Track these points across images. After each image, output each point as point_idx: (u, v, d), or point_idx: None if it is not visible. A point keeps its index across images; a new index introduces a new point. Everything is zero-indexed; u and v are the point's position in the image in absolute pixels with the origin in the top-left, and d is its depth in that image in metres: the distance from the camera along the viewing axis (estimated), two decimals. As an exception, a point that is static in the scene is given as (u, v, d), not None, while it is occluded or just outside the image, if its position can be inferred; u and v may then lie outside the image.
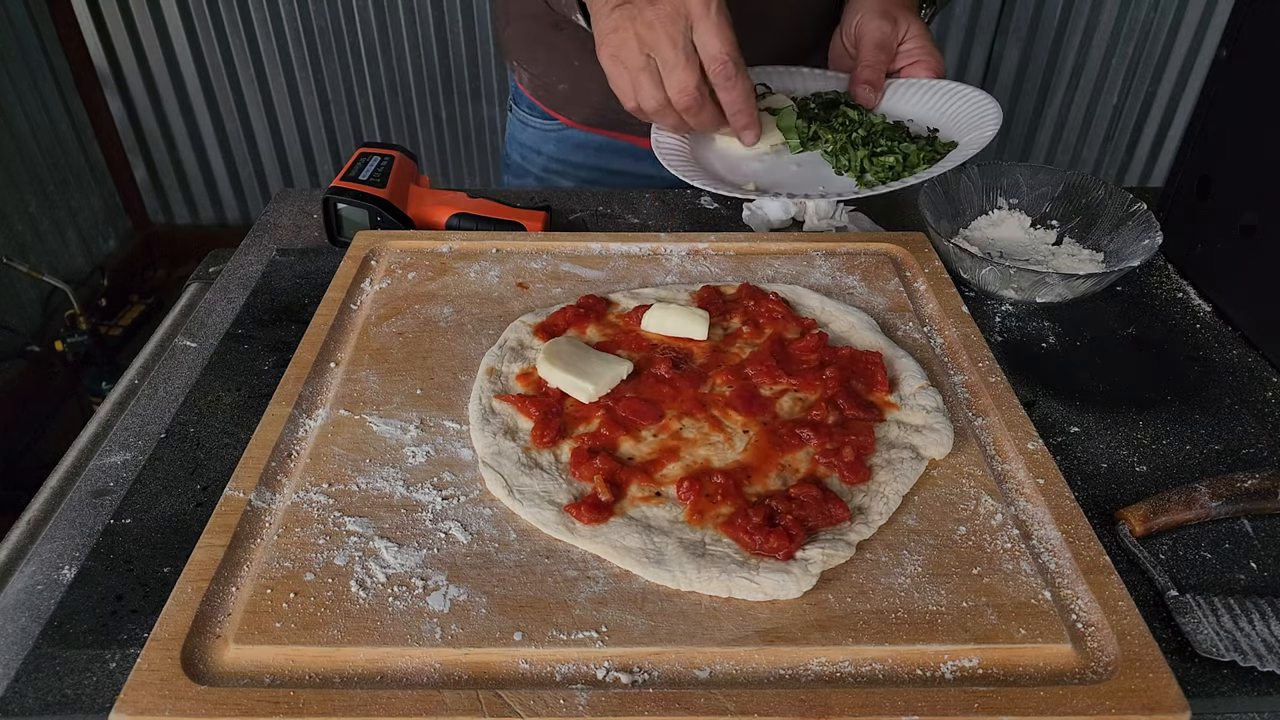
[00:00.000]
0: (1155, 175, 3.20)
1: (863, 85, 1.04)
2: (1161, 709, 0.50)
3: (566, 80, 1.19)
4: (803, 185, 0.98)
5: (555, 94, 1.22)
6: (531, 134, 1.29)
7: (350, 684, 0.52)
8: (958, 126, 1.02)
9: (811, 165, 1.00)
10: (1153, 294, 0.94)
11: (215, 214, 3.30)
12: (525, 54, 1.22)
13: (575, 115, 1.23)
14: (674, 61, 0.81)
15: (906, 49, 1.04)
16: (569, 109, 1.23)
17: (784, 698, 0.51)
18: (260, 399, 0.75)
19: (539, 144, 1.29)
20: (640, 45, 0.82)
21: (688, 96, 0.83)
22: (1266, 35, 0.85)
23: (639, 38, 0.82)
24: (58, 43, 2.87)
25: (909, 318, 0.83)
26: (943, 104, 1.04)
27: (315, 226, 1.04)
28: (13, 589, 0.61)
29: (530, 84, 1.24)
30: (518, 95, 1.30)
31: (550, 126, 1.27)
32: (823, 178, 0.98)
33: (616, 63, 0.85)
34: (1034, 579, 0.57)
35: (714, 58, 0.82)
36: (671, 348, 0.77)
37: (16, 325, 2.62)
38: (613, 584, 0.57)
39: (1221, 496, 0.65)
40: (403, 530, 0.61)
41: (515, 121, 1.33)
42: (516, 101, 1.32)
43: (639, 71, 0.83)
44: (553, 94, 1.22)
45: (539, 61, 1.21)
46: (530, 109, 1.28)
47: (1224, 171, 0.92)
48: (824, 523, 0.61)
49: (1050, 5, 2.88)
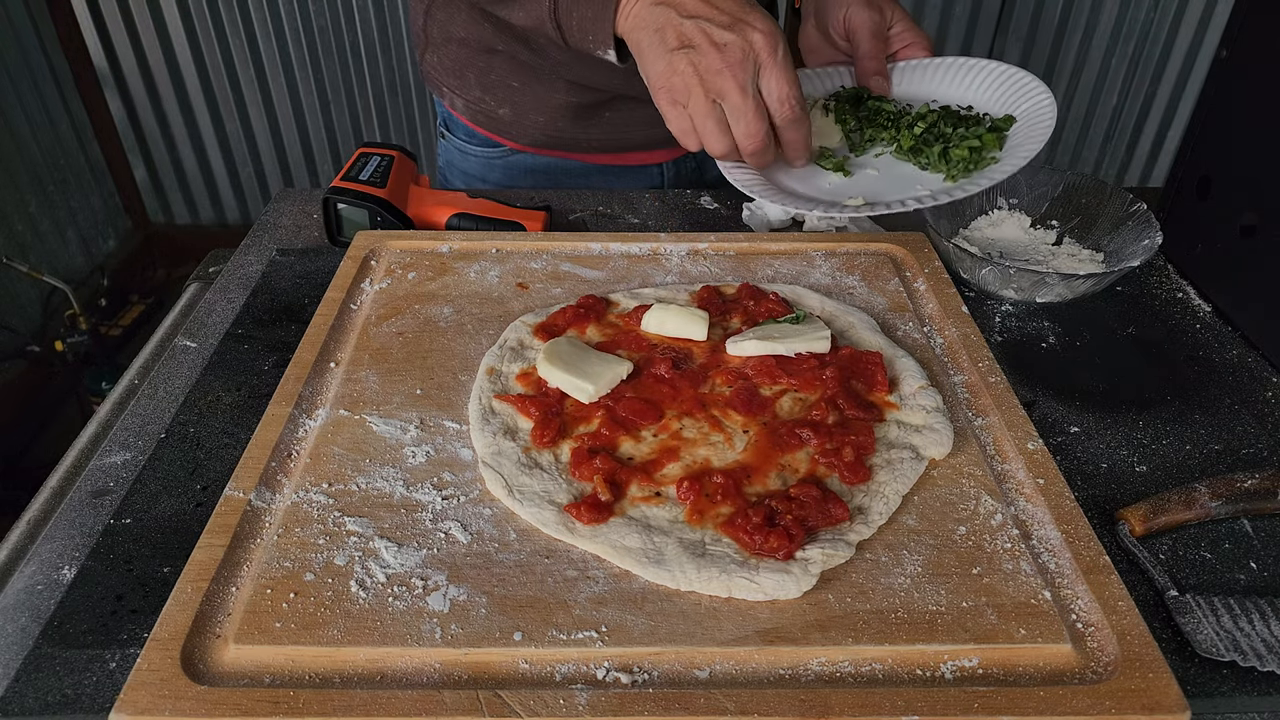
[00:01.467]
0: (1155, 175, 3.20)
1: (875, 76, 1.03)
2: (1161, 709, 0.50)
3: (507, 104, 1.14)
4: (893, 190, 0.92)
5: (496, 119, 1.17)
6: (474, 161, 1.23)
7: (350, 684, 0.52)
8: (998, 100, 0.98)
9: (886, 166, 0.96)
10: (1153, 294, 0.94)
11: (215, 214, 3.30)
12: (455, 80, 1.16)
13: (521, 138, 1.18)
14: (743, 108, 0.80)
15: (896, 33, 1.05)
16: (514, 133, 1.17)
17: (784, 698, 0.51)
18: (260, 399, 0.75)
19: (484, 171, 1.23)
20: (706, 91, 0.80)
21: (756, 142, 0.82)
22: (1266, 35, 0.85)
23: (704, 84, 0.80)
24: (57, 42, 2.87)
25: (909, 318, 0.83)
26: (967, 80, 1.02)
27: (315, 226, 1.04)
28: (13, 589, 0.61)
29: (466, 110, 1.18)
30: (451, 121, 1.24)
31: (495, 152, 1.21)
32: (904, 177, 0.94)
33: (678, 107, 0.82)
34: (1034, 579, 0.57)
35: (783, 100, 0.82)
36: (671, 348, 0.77)
37: (16, 325, 2.62)
38: (613, 584, 0.57)
39: (1221, 496, 0.65)
40: (403, 530, 0.61)
41: (451, 149, 1.26)
42: (450, 128, 1.25)
43: (705, 118, 0.82)
44: (493, 119, 1.17)
45: (472, 87, 1.15)
46: (469, 135, 1.22)
47: (1224, 171, 0.92)
48: (824, 523, 0.61)
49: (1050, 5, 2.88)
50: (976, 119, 0.97)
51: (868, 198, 0.89)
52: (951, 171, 0.92)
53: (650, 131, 1.18)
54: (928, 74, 1.04)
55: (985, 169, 0.91)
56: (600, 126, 1.15)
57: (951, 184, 0.90)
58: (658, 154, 1.23)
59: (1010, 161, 0.88)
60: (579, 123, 1.14)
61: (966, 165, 0.91)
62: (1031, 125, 0.92)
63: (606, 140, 1.17)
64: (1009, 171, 0.87)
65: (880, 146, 0.99)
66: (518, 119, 1.15)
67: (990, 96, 1.00)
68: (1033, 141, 0.89)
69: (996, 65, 1.01)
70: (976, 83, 1.02)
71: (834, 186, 0.93)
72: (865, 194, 0.90)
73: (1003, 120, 0.95)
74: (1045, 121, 0.91)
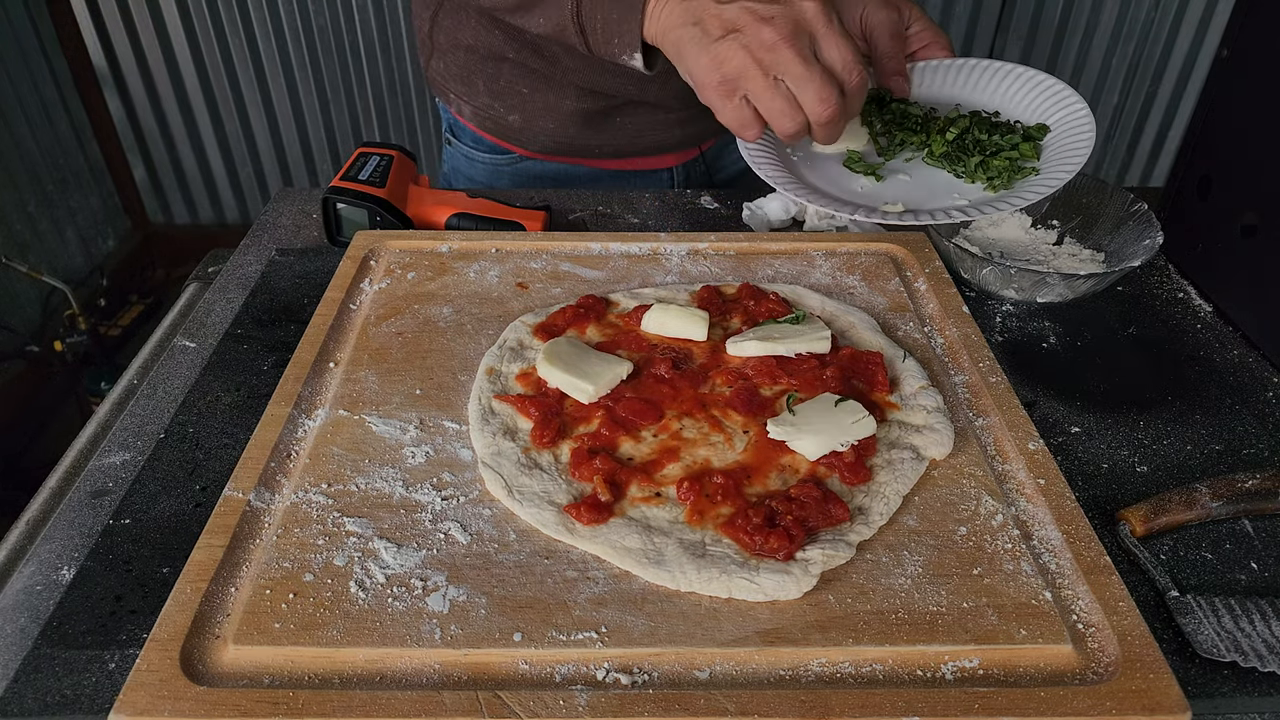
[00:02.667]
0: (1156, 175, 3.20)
1: (895, 76, 1.01)
2: (1162, 710, 0.50)
3: (516, 111, 1.14)
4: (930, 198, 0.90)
5: (505, 125, 1.16)
6: (482, 168, 1.23)
7: (349, 685, 0.52)
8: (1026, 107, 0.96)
9: (917, 171, 0.94)
10: (1153, 294, 0.93)
11: (214, 214, 3.30)
12: (462, 87, 1.16)
13: (531, 145, 1.17)
14: (808, 77, 0.75)
15: (915, 32, 1.03)
16: (523, 139, 1.17)
17: (784, 698, 0.51)
18: (259, 399, 0.75)
19: (492, 178, 1.23)
20: (764, 70, 0.75)
21: (831, 108, 0.76)
22: (1266, 35, 0.85)
23: (759, 63, 0.75)
24: (57, 42, 2.87)
25: (909, 318, 0.83)
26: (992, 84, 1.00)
27: (315, 226, 1.04)
28: (12, 589, 0.61)
29: (474, 116, 1.18)
30: (457, 128, 1.23)
31: (504, 159, 1.21)
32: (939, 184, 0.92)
33: (732, 94, 0.77)
34: (1034, 579, 0.57)
35: (847, 66, 0.77)
36: (671, 348, 0.77)
37: (16, 325, 2.62)
38: (612, 584, 0.57)
39: (1222, 497, 0.65)
40: (402, 531, 0.60)
41: (458, 155, 1.25)
42: (456, 134, 1.24)
43: (769, 97, 0.76)
44: (502, 126, 1.16)
45: (480, 94, 1.14)
46: (476, 142, 1.21)
47: (1224, 171, 0.91)
48: (824, 523, 0.60)
49: (1050, 5, 2.88)
50: (1009, 126, 0.95)
51: (906, 204, 0.88)
52: (994, 183, 0.90)
53: (660, 136, 1.18)
54: (949, 75, 1.02)
55: (1026, 180, 0.89)
56: (610, 132, 1.15)
57: (993, 194, 0.89)
58: (667, 158, 1.22)
59: (1055, 175, 0.86)
60: (589, 129, 1.14)
61: (1008, 176, 0.89)
62: (1068, 136, 0.90)
63: (617, 146, 1.17)
64: (1055, 186, 0.85)
65: (909, 151, 0.97)
66: (527, 125, 1.15)
67: (1018, 103, 0.98)
68: (1076, 154, 0.87)
69: (1025, 70, 0.99)
70: (1003, 88, 1.00)
71: (867, 190, 0.92)
72: (903, 200, 0.89)
73: (1035, 129, 0.93)
74: (1085, 134, 0.89)
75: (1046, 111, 0.95)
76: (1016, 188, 0.88)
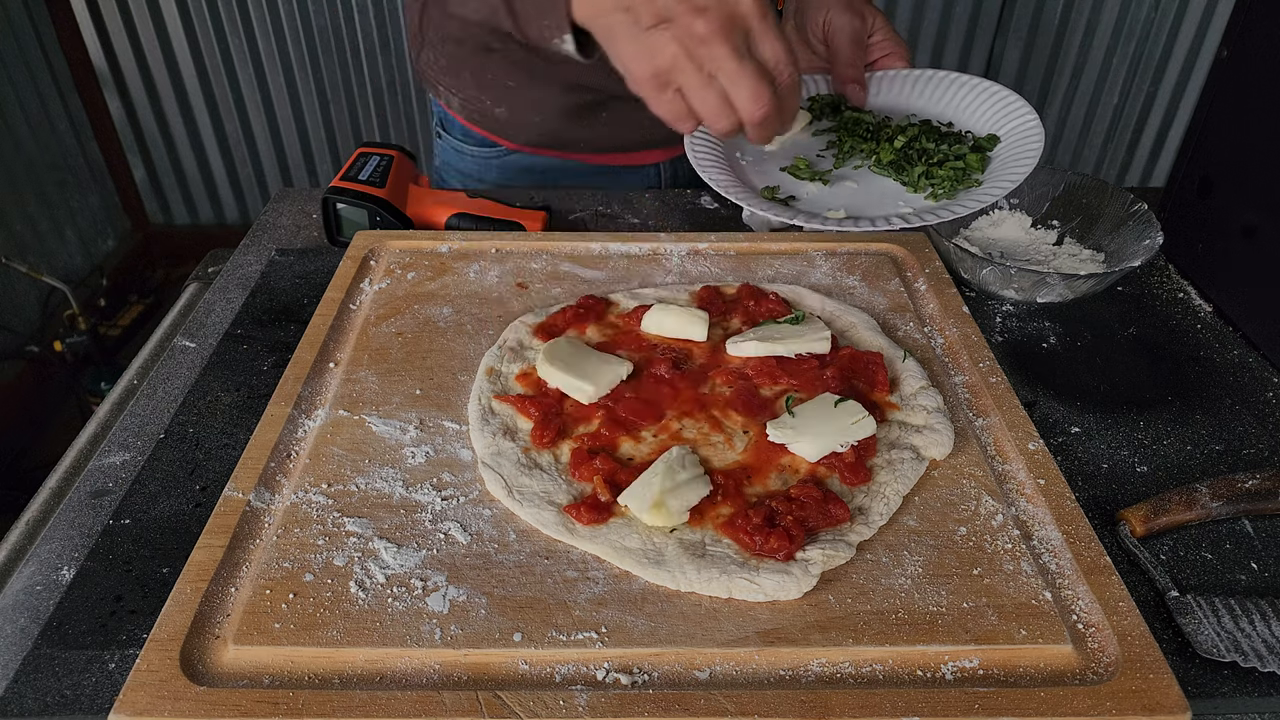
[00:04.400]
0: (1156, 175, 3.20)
1: (852, 84, 1.01)
2: (1162, 710, 0.50)
3: (503, 104, 1.13)
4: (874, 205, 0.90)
5: (492, 118, 1.16)
6: (470, 161, 1.23)
7: (349, 685, 0.52)
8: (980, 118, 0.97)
9: (865, 179, 0.94)
10: (1154, 294, 0.93)
11: (214, 214, 3.30)
12: (450, 80, 1.15)
13: (518, 138, 1.17)
14: (741, 73, 0.72)
15: (876, 41, 1.03)
16: (510, 132, 1.17)
17: (784, 699, 0.51)
18: (259, 399, 0.75)
19: (480, 171, 1.23)
20: (695, 63, 0.73)
21: (764, 106, 0.74)
22: (1266, 35, 0.85)
23: (692, 55, 0.72)
24: (56, 43, 2.87)
25: (909, 318, 0.83)
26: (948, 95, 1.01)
27: (315, 226, 1.04)
28: (12, 589, 0.61)
29: (462, 109, 1.18)
30: (447, 120, 1.23)
31: (491, 152, 1.21)
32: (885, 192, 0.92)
33: (665, 87, 0.75)
34: (1034, 580, 0.57)
35: (781, 64, 0.75)
36: (671, 348, 0.77)
37: (15, 325, 2.62)
38: (612, 585, 0.57)
39: (1222, 497, 0.65)
40: (402, 531, 0.60)
41: (447, 149, 1.25)
42: (446, 127, 1.25)
43: (702, 93, 0.74)
44: (489, 118, 1.16)
45: (468, 86, 1.14)
46: (465, 135, 1.22)
47: (1225, 171, 0.91)
48: (824, 523, 0.60)
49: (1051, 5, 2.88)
50: (958, 136, 0.96)
51: (850, 211, 0.88)
52: (935, 191, 0.90)
53: (647, 132, 1.17)
54: (905, 85, 1.03)
55: (969, 189, 0.89)
56: (597, 127, 1.15)
57: (935, 203, 0.89)
58: (655, 154, 1.22)
59: (997, 185, 0.87)
60: (575, 123, 1.14)
61: (951, 185, 0.90)
62: (1017, 147, 0.91)
63: (603, 140, 1.17)
64: (996, 196, 0.85)
65: (859, 159, 0.97)
66: (514, 118, 1.15)
67: (972, 114, 0.99)
68: (1021, 165, 0.87)
69: (980, 82, 1.00)
70: (958, 99, 1.01)
71: (812, 196, 0.92)
72: (846, 207, 0.89)
73: (986, 140, 0.94)
74: (1033, 144, 0.89)
75: (998, 122, 0.96)
76: (959, 197, 0.88)
